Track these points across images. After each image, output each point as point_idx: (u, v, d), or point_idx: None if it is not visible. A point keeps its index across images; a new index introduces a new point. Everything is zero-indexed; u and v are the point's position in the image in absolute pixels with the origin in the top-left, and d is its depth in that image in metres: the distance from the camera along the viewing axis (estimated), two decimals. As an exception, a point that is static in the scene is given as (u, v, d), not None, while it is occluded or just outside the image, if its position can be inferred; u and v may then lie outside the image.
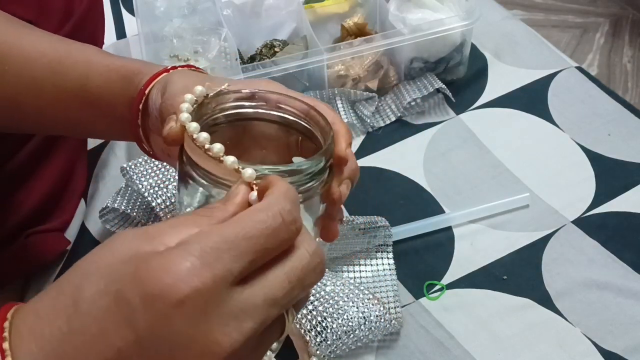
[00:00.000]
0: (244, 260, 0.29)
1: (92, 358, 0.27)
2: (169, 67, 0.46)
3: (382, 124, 0.77)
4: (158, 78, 0.45)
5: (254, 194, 0.33)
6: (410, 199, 0.69)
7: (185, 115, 0.37)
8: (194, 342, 0.27)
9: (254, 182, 0.33)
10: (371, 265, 0.62)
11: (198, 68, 0.48)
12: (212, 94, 0.41)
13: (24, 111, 0.48)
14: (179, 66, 0.47)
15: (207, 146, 0.35)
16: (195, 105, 0.39)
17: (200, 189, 0.37)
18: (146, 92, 0.45)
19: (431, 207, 0.68)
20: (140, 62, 0.48)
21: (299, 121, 0.43)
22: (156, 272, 0.27)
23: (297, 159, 0.44)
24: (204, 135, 0.36)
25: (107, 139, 0.63)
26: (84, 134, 0.57)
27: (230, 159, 0.35)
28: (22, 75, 0.47)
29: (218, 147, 0.35)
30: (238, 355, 0.28)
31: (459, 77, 0.81)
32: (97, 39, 0.73)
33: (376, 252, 0.62)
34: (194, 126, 0.36)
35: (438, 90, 0.78)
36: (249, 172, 0.34)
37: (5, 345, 0.28)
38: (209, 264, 0.27)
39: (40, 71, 0.47)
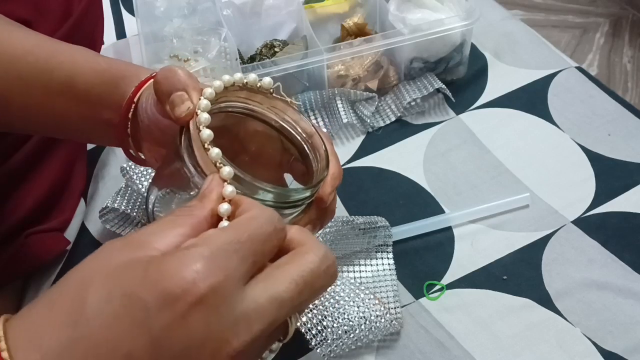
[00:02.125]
0: (249, 260, 0.29)
1: None
2: (154, 74, 0.45)
3: (382, 124, 0.77)
4: (146, 85, 0.45)
5: (224, 206, 0.33)
6: (410, 199, 0.69)
7: (204, 103, 0.37)
8: (207, 341, 0.28)
9: (229, 193, 0.34)
10: (371, 265, 0.62)
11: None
12: (236, 83, 0.41)
13: (12, 109, 0.48)
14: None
15: (206, 145, 0.36)
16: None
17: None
18: (135, 99, 0.44)
19: (431, 207, 0.68)
20: (126, 65, 0.48)
21: (300, 140, 0.44)
22: (173, 272, 0.28)
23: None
24: (208, 132, 0.36)
25: (92, 142, 0.63)
26: (70, 136, 0.57)
27: (215, 151, 0.35)
28: (8, 73, 0.46)
29: (208, 133, 0.36)
30: (244, 355, 0.29)
31: (459, 77, 0.81)
32: (95, 39, 0.73)
33: (376, 252, 0.62)
34: (204, 117, 0.37)
35: (438, 90, 0.78)
36: (226, 170, 0.35)
37: (5, 355, 0.27)
38: (221, 264, 0.28)
39: (26, 70, 0.46)
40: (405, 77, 0.79)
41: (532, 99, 0.78)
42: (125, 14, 0.96)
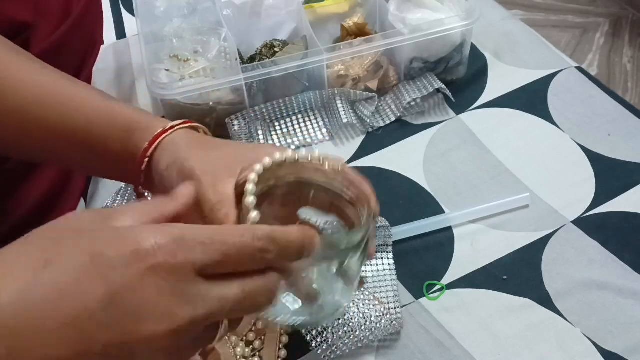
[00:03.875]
0: (212, 257, 0.32)
1: (58, 310, 0.29)
2: (167, 127, 0.47)
3: (382, 124, 0.77)
4: (159, 141, 0.47)
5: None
6: (410, 199, 0.69)
7: (250, 200, 0.40)
8: (156, 308, 0.30)
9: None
10: (371, 265, 0.61)
11: (193, 123, 0.50)
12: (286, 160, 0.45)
13: (27, 144, 0.49)
14: (179, 123, 0.49)
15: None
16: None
17: None
18: (148, 154, 0.47)
19: (431, 207, 0.68)
20: (139, 114, 0.49)
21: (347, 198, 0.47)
22: (140, 238, 0.30)
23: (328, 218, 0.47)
24: (255, 214, 0.39)
25: (112, 179, 0.65)
26: (87, 172, 0.60)
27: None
28: (27, 111, 0.48)
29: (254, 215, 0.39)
30: (180, 337, 0.31)
31: (458, 77, 0.81)
32: (95, 39, 0.73)
33: (376, 252, 0.62)
34: (254, 215, 0.39)
35: (438, 90, 0.78)
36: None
37: None
38: (185, 248, 0.31)
39: (45, 110, 0.48)
40: (405, 77, 0.79)
41: (532, 99, 0.78)
42: (125, 14, 0.96)
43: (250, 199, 0.40)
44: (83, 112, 0.48)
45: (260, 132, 0.74)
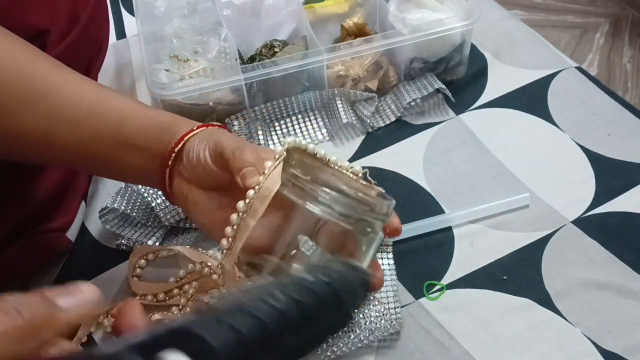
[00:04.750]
0: None
1: None
2: (201, 124, 0.50)
3: (382, 124, 0.77)
4: (197, 131, 0.49)
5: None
6: (410, 199, 0.69)
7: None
8: None
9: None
10: (371, 265, 0.61)
11: (224, 126, 0.52)
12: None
13: (55, 147, 0.50)
14: (214, 124, 0.51)
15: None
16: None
17: None
18: (185, 138, 0.48)
19: (431, 207, 0.68)
20: (175, 116, 0.51)
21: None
22: None
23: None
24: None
25: (128, 181, 0.65)
26: (106, 174, 0.60)
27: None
28: (57, 114, 0.48)
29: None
30: None
31: (458, 77, 0.81)
32: (101, 43, 0.73)
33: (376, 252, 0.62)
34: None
35: (438, 91, 0.78)
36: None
37: None
38: None
39: (77, 113, 0.48)
40: (405, 77, 0.79)
41: (532, 99, 0.78)
42: (125, 14, 0.96)
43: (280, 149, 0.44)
44: (119, 111, 0.49)
45: (260, 132, 0.74)
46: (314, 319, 0.25)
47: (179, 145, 0.48)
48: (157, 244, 0.65)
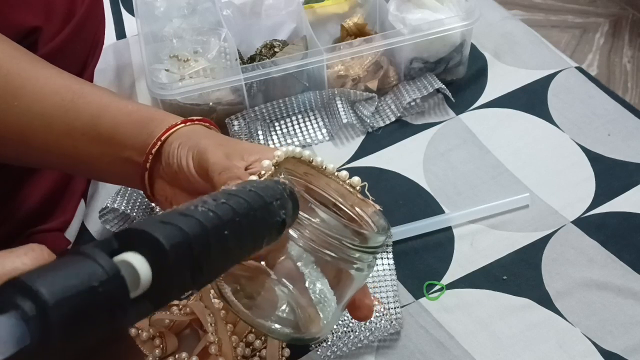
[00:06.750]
0: None
1: None
2: (182, 120, 0.47)
3: (382, 124, 0.77)
4: (176, 128, 0.46)
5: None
6: (410, 199, 0.69)
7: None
8: None
9: None
10: (371, 265, 0.61)
11: (211, 122, 0.50)
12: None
13: (31, 145, 0.48)
14: (196, 119, 0.48)
15: None
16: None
17: None
18: (162, 138, 0.46)
19: (431, 207, 0.68)
20: (153, 109, 0.49)
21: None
22: None
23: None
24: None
25: (103, 180, 0.64)
26: (86, 173, 0.58)
27: None
28: (32, 110, 0.47)
29: None
30: None
31: (458, 77, 0.81)
32: (97, 40, 0.73)
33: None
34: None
35: (438, 91, 0.78)
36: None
37: None
38: None
39: (51, 108, 0.47)
40: (405, 77, 0.79)
41: (532, 99, 0.78)
42: (125, 14, 0.96)
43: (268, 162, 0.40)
44: (94, 107, 0.47)
45: (260, 132, 0.74)
46: (245, 216, 0.28)
47: (156, 147, 0.46)
48: (157, 244, 0.65)
